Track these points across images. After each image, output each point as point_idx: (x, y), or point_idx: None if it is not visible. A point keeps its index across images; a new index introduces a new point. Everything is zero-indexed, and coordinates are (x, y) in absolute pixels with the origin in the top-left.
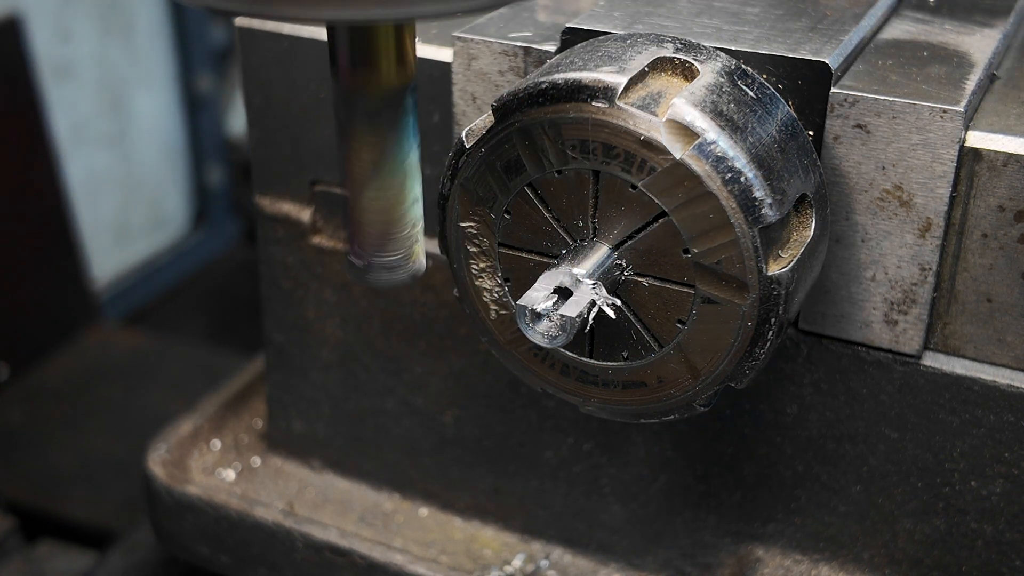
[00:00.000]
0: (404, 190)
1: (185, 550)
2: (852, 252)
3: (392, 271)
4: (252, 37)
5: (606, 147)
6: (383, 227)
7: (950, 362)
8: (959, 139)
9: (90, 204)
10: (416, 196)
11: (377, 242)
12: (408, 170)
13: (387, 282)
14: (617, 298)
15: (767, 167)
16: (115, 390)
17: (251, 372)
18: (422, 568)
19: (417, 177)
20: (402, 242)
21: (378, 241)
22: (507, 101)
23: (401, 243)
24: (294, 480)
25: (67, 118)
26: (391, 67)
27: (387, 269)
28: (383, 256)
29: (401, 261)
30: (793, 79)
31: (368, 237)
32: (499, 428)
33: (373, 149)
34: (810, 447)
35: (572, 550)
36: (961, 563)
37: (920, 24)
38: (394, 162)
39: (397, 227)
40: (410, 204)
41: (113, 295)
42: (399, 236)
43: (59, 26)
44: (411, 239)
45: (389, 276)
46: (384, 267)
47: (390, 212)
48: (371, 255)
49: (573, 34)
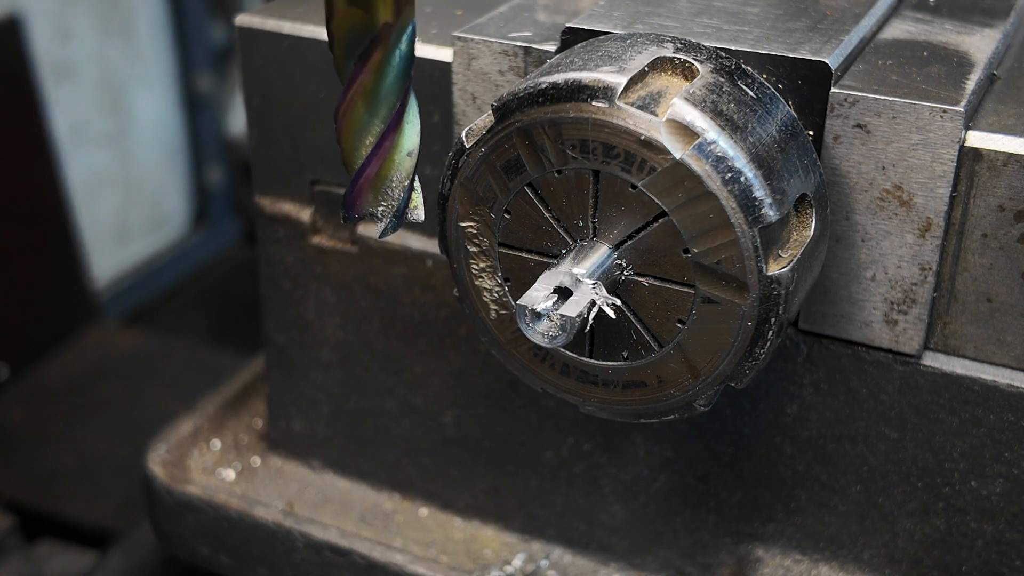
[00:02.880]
0: (401, 138)
1: (185, 550)
2: (852, 252)
3: (389, 221)
4: (252, 37)
5: (606, 147)
6: (379, 175)
7: (950, 362)
8: (959, 139)
9: (90, 204)
10: (411, 149)
11: (373, 191)
12: (404, 124)
13: (385, 232)
14: (617, 298)
15: (767, 167)
16: (115, 390)
17: (251, 372)
18: (422, 568)
19: (411, 133)
20: (397, 191)
21: (373, 191)
22: (507, 101)
23: (396, 192)
24: (294, 480)
25: (67, 118)
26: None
27: (384, 219)
28: (379, 205)
29: (398, 211)
30: (793, 79)
31: (363, 184)
32: (499, 428)
33: (367, 92)
34: (810, 447)
35: (572, 550)
36: (961, 563)
37: (920, 24)
38: (387, 108)
39: (392, 175)
40: (404, 156)
41: (113, 295)
42: (394, 185)
43: (59, 26)
44: (408, 189)
45: (386, 226)
46: (380, 217)
47: (388, 162)
48: (367, 204)
49: (573, 34)
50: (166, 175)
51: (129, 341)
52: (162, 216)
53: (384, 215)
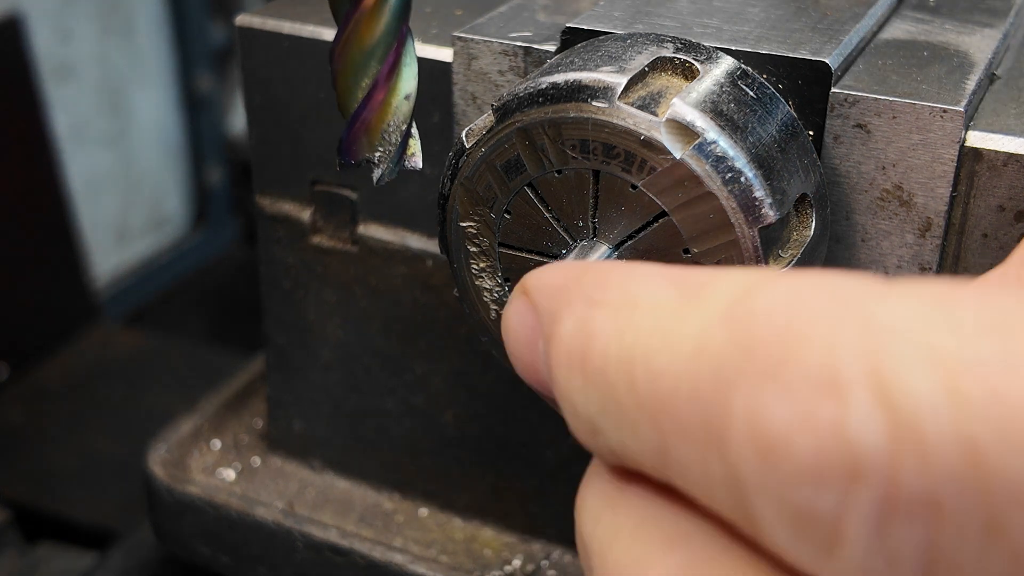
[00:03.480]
0: (398, 80)
1: (185, 550)
2: (852, 252)
3: (387, 167)
4: (252, 37)
5: (606, 147)
6: (376, 119)
7: None
8: (959, 139)
9: (90, 204)
10: (409, 92)
11: (369, 136)
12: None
13: (382, 178)
14: None
15: (767, 167)
16: (115, 390)
17: (251, 372)
18: (422, 568)
19: (408, 76)
20: (395, 135)
21: (369, 135)
22: (507, 101)
23: (394, 137)
24: (294, 480)
25: (67, 118)
26: None
27: (381, 165)
28: (376, 151)
29: (395, 156)
30: (793, 79)
31: (359, 128)
32: (499, 428)
33: (362, 33)
34: None
35: (572, 550)
36: None
37: (920, 24)
38: (383, 49)
39: (389, 119)
40: (401, 99)
41: (113, 295)
42: (391, 130)
43: (59, 26)
44: (405, 134)
45: (383, 172)
46: (377, 163)
47: (385, 105)
48: (363, 149)
49: (573, 34)
50: (166, 175)
51: (129, 341)
52: (162, 216)
53: (381, 161)
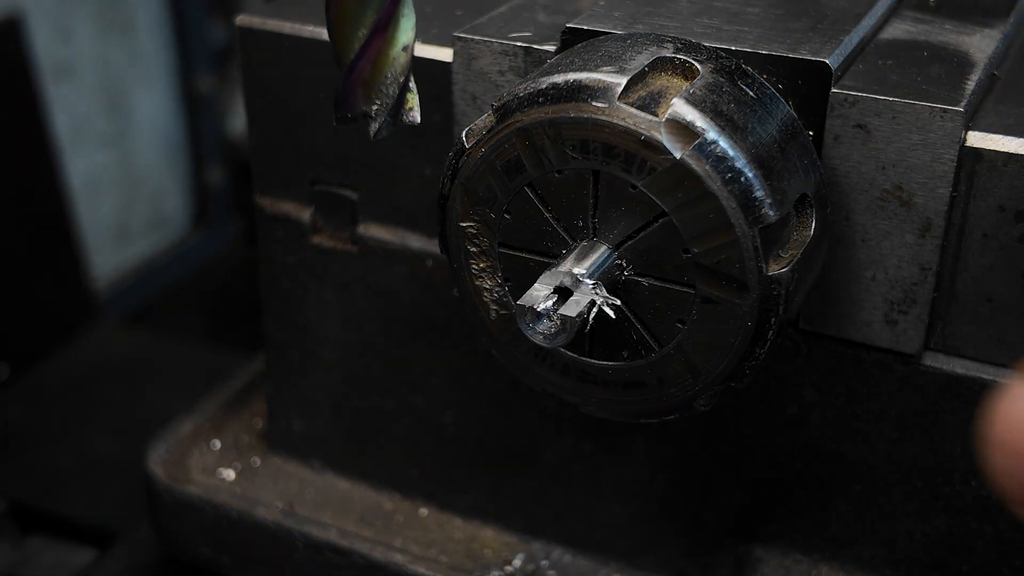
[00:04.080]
0: (396, 31)
1: (185, 550)
2: (852, 252)
3: (384, 121)
4: (252, 37)
5: (606, 147)
6: (373, 70)
7: (950, 362)
8: (959, 139)
9: (90, 204)
10: (406, 43)
11: (366, 88)
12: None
13: (380, 132)
14: (617, 298)
15: (767, 167)
16: (115, 390)
17: (251, 372)
18: (422, 568)
19: (406, 27)
20: (392, 88)
21: (366, 87)
22: (507, 101)
23: (391, 89)
24: (294, 480)
25: (67, 118)
26: None
27: (378, 118)
28: (373, 103)
29: (393, 110)
30: (793, 79)
31: (356, 80)
32: (499, 428)
33: None
34: (810, 447)
35: (572, 550)
36: (961, 563)
37: (920, 24)
38: (380, 0)
39: (387, 71)
40: (398, 51)
41: (113, 295)
42: (389, 82)
43: (59, 26)
44: (403, 87)
45: (380, 125)
46: (375, 116)
47: (382, 56)
48: (360, 102)
49: (573, 34)
50: (166, 175)
51: (129, 341)
52: (162, 216)
53: (378, 114)
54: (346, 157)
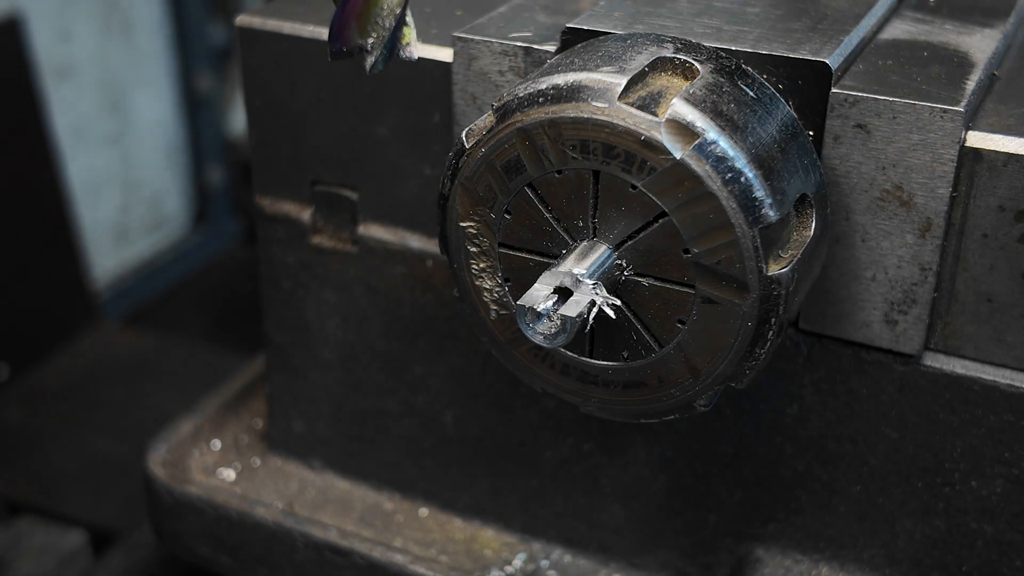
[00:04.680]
0: None
1: (185, 550)
2: (852, 252)
3: (380, 54)
4: (252, 37)
5: (606, 147)
6: (367, 2)
7: (950, 362)
8: (959, 139)
9: (90, 204)
10: None
11: (360, 20)
12: None
13: (375, 66)
14: (617, 298)
15: (767, 167)
16: (115, 390)
17: (251, 372)
18: (422, 568)
19: None
20: (388, 20)
21: (361, 19)
22: (507, 101)
23: (387, 21)
24: (294, 480)
25: (67, 118)
26: None
27: (373, 51)
28: (369, 36)
29: (388, 43)
30: (793, 79)
31: (350, 12)
32: (499, 428)
33: None
34: (810, 447)
35: (572, 550)
36: (961, 563)
37: (920, 24)
38: None
39: (382, 3)
40: None
41: (113, 295)
42: (384, 14)
43: (59, 26)
44: (399, 19)
45: (376, 58)
46: (370, 49)
47: None
48: (354, 35)
49: (573, 34)
50: (166, 175)
51: (129, 341)
52: (162, 216)
53: (374, 47)
54: (346, 157)
